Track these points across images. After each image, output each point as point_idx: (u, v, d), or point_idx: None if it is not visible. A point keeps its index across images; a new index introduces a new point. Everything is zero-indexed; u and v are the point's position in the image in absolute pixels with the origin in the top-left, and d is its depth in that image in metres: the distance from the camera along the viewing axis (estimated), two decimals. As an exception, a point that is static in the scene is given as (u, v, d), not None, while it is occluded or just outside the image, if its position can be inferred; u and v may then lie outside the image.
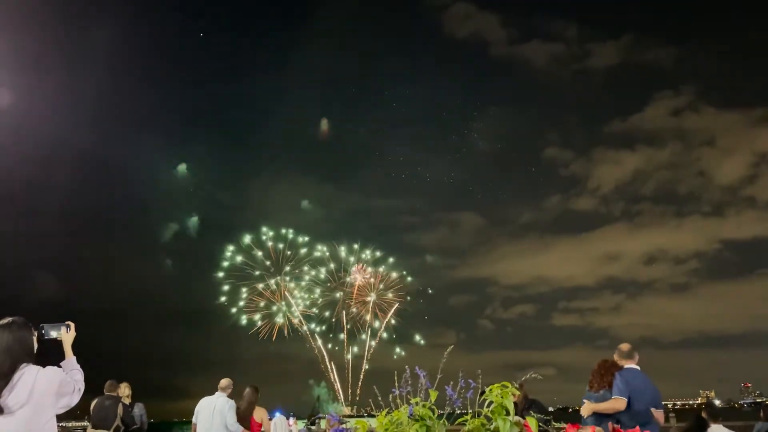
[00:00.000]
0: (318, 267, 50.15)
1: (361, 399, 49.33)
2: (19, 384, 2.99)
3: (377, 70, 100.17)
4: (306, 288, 49.69)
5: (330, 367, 49.59)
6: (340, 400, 48.78)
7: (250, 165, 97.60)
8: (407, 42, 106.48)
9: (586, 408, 5.60)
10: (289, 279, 49.23)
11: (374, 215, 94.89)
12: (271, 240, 49.49)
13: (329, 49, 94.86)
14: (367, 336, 49.84)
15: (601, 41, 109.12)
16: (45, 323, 3.46)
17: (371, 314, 49.65)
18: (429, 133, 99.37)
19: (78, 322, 3.54)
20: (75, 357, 3.43)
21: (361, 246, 50.96)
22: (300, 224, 65.83)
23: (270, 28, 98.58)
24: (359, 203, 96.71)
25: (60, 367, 3.28)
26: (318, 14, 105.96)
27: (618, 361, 5.74)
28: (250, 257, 49.31)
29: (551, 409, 10.34)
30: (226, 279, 48.64)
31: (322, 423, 18.03)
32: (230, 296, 48.28)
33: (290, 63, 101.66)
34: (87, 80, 65.12)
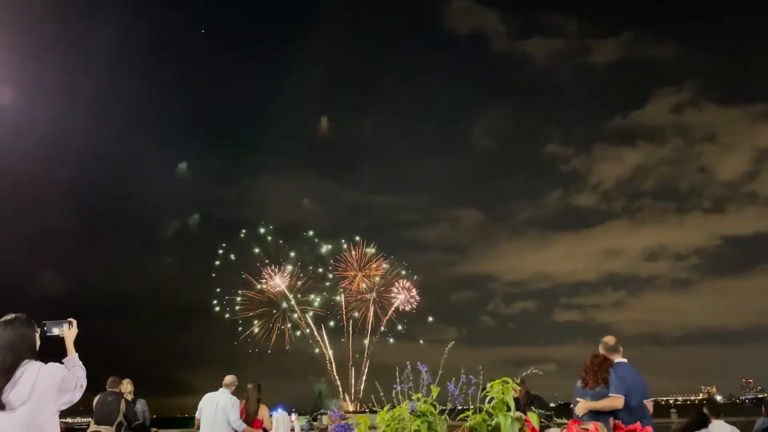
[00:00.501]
0: (318, 264, 50.19)
1: (364, 395, 49.43)
2: (21, 380, 3.00)
3: (377, 67, 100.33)
4: (307, 285, 49.74)
5: (330, 362, 49.70)
6: (342, 396, 48.89)
7: (251, 162, 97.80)
8: (407, 38, 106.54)
9: (582, 406, 5.45)
10: (290, 277, 49.25)
11: (374, 212, 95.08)
12: (271, 235, 49.51)
13: (329, 47, 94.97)
14: (368, 332, 49.93)
15: (602, 37, 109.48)
16: (47, 320, 3.47)
17: (371, 311, 49.70)
18: (429, 129, 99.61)
19: (80, 319, 3.54)
20: (77, 354, 3.44)
21: (362, 242, 50.89)
22: (301, 221, 65.87)
23: (270, 27, 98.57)
24: (360, 200, 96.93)
25: (62, 364, 3.28)
26: (318, 12, 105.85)
27: (607, 356, 5.66)
28: (251, 254, 49.34)
29: (553, 405, 10.34)
30: (226, 277, 48.57)
31: (324, 419, 18.05)
32: (224, 293, 47.94)
33: (291, 60, 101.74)
34: (88, 78, 65.37)
